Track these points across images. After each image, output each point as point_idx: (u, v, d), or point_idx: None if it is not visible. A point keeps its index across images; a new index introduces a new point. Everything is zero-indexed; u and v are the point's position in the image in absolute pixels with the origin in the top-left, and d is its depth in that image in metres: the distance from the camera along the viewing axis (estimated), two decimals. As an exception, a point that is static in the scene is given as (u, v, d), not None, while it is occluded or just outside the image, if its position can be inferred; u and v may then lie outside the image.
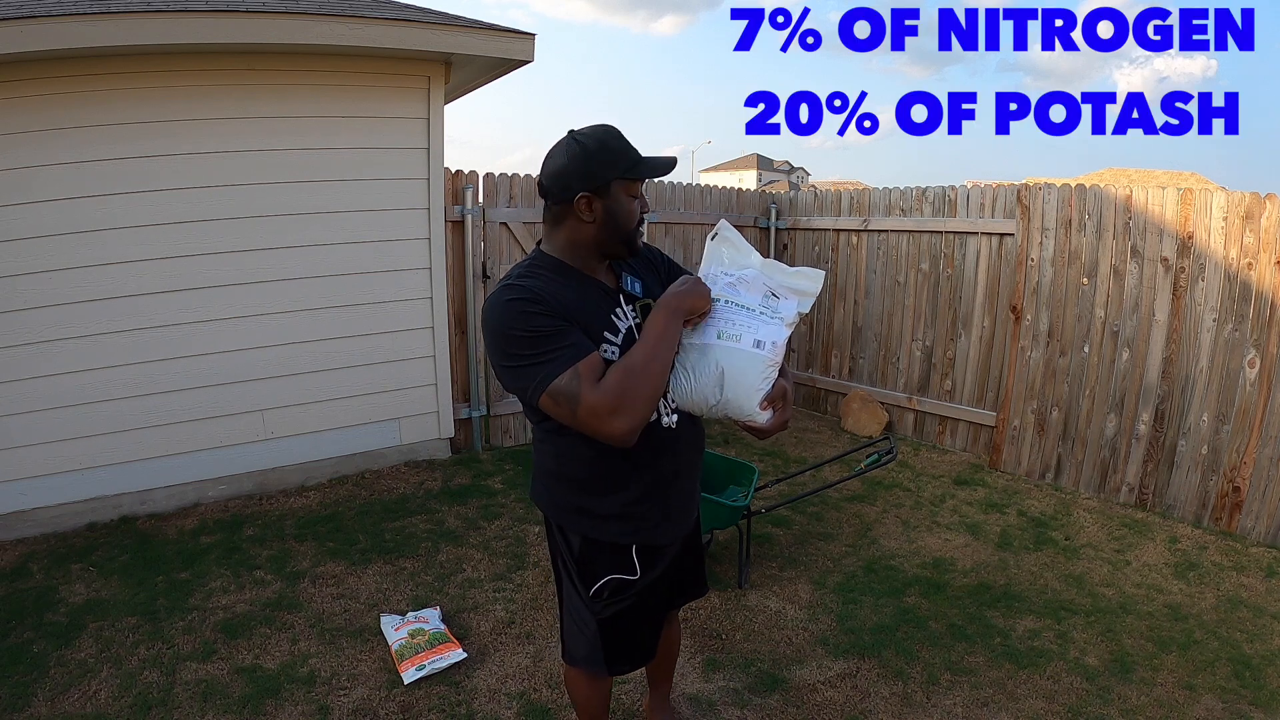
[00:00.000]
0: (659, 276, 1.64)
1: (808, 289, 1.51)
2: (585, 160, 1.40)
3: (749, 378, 1.42)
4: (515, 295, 1.36)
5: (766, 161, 52.44)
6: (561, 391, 1.31)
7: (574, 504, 1.57)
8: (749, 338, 1.43)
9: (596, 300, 1.47)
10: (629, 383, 1.31)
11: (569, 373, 1.31)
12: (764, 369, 1.44)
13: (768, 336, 1.44)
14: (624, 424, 1.31)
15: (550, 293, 1.38)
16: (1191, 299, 3.76)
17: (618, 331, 1.46)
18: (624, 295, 1.52)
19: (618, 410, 1.30)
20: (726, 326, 1.44)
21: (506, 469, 4.42)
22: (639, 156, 1.44)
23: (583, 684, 1.82)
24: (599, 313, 1.46)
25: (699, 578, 1.93)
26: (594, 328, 1.42)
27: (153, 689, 2.36)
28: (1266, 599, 3.06)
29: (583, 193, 1.40)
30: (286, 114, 3.82)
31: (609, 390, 1.30)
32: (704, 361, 1.43)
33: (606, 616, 1.63)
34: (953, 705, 2.38)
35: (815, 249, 5.82)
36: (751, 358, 1.42)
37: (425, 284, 4.33)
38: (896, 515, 3.90)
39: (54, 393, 3.46)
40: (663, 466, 1.55)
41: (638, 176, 1.44)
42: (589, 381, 1.31)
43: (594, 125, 1.46)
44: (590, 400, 1.30)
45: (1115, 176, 19.72)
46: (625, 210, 1.44)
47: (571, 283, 1.45)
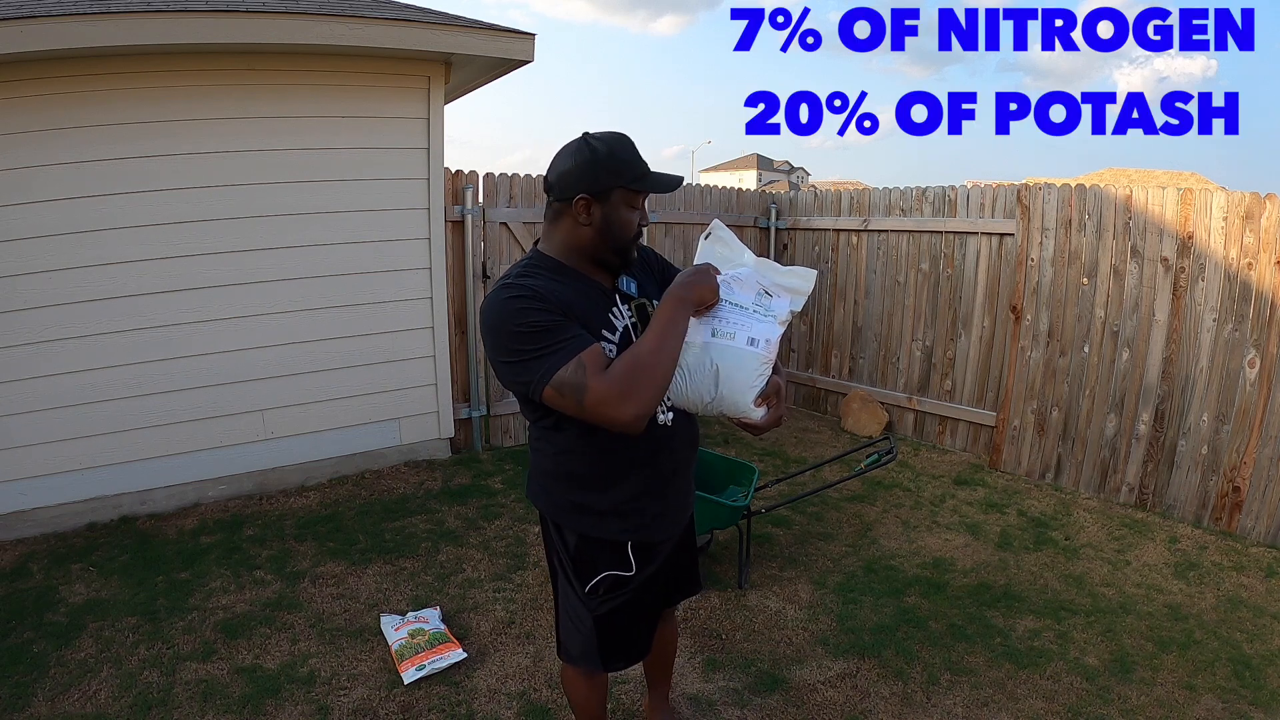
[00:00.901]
0: (654, 277, 1.65)
1: (800, 287, 1.53)
2: (592, 164, 1.41)
3: (743, 375, 1.43)
4: (513, 293, 1.37)
5: (766, 161, 52.45)
6: (566, 382, 1.31)
7: (571, 501, 1.58)
8: (743, 335, 1.44)
9: (593, 299, 1.48)
10: (638, 369, 1.32)
11: (573, 363, 1.31)
12: (758, 366, 1.46)
13: (761, 334, 1.46)
14: (633, 410, 1.31)
15: (548, 290, 1.39)
16: (1191, 299, 3.76)
17: (615, 330, 1.47)
18: (620, 295, 1.53)
19: (626, 396, 1.30)
20: (721, 325, 1.45)
21: (506, 469, 4.42)
22: (645, 170, 1.44)
23: (580, 684, 1.82)
24: (596, 311, 1.46)
25: (693, 575, 1.94)
26: (592, 325, 1.42)
27: (153, 689, 2.36)
28: (1266, 599, 3.06)
29: (582, 195, 1.41)
30: (286, 114, 3.82)
31: (617, 377, 1.31)
32: (699, 359, 1.45)
33: (602, 613, 1.64)
34: (953, 705, 2.38)
35: (815, 249, 5.82)
36: (746, 355, 1.44)
37: (425, 284, 4.33)
38: (896, 515, 3.90)
39: (54, 393, 3.46)
40: (659, 463, 1.56)
41: (641, 189, 1.44)
42: (595, 370, 1.31)
43: (609, 131, 1.47)
44: (598, 388, 1.30)
45: (1115, 176, 19.73)
46: (622, 220, 1.44)
47: (568, 282, 1.45)
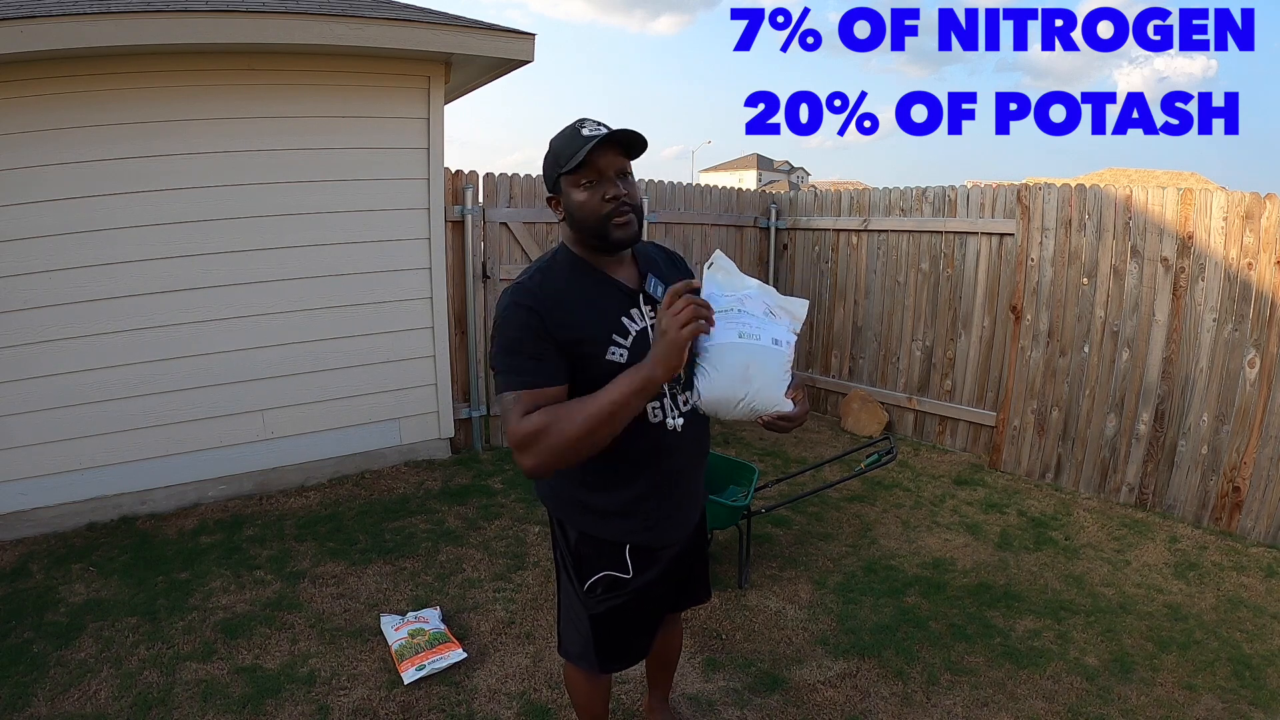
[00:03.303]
0: (678, 275, 1.61)
1: (797, 313, 1.59)
2: (547, 165, 1.45)
3: (773, 369, 1.47)
4: (517, 299, 1.40)
5: (766, 161, 52.45)
6: (504, 408, 1.37)
7: (575, 499, 1.59)
8: (767, 336, 1.48)
9: (611, 301, 1.46)
10: (551, 435, 1.30)
11: (513, 395, 1.36)
12: (784, 363, 1.49)
13: (782, 336, 1.51)
14: (529, 464, 1.33)
15: (555, 297, 1.40)
16: (1191, 299, 3.76)
17: (627, 334, 1.45)
18: (644, 296, 1.50)
19: (526, 450, 1.32)
20: (744, 327, 1.49)
21: (506, 469, 4.42)
22: (577, 147, 1.36)
23: (582, 683, 1.82)
24: (609, 314, 1.45)
25: (702, 582, 1.93)
26: (601, 330, 1.42)
27: (153, 689, 2.36)
28: (1266, 599, 3.06)
29: (549, 195, 1.48)
30: (286, 114, 3.82)
31: (529, 430, 1.31)
32: (730, 358, 1.46)
33: (599, 612, 1.64)
34: (953, 705, 2.38)
35: (815, 249, 5.82)
36: (772, 352, 1.47)
37: (425, 284, 4.33)
38: (896, 515, 3.90)
39: (54, 393, 3.46)
40: (664, 467, 1.55)
41: (574, 170, 1.37)
42: (520, 412, 1.33)
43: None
44: (513, 430, 1.33)
45: (1115, 176, 19.73)
46: (577, 203, 1.40)
47: (586, 281, 1.45)
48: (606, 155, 1.37)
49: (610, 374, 1.33)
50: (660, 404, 1.48)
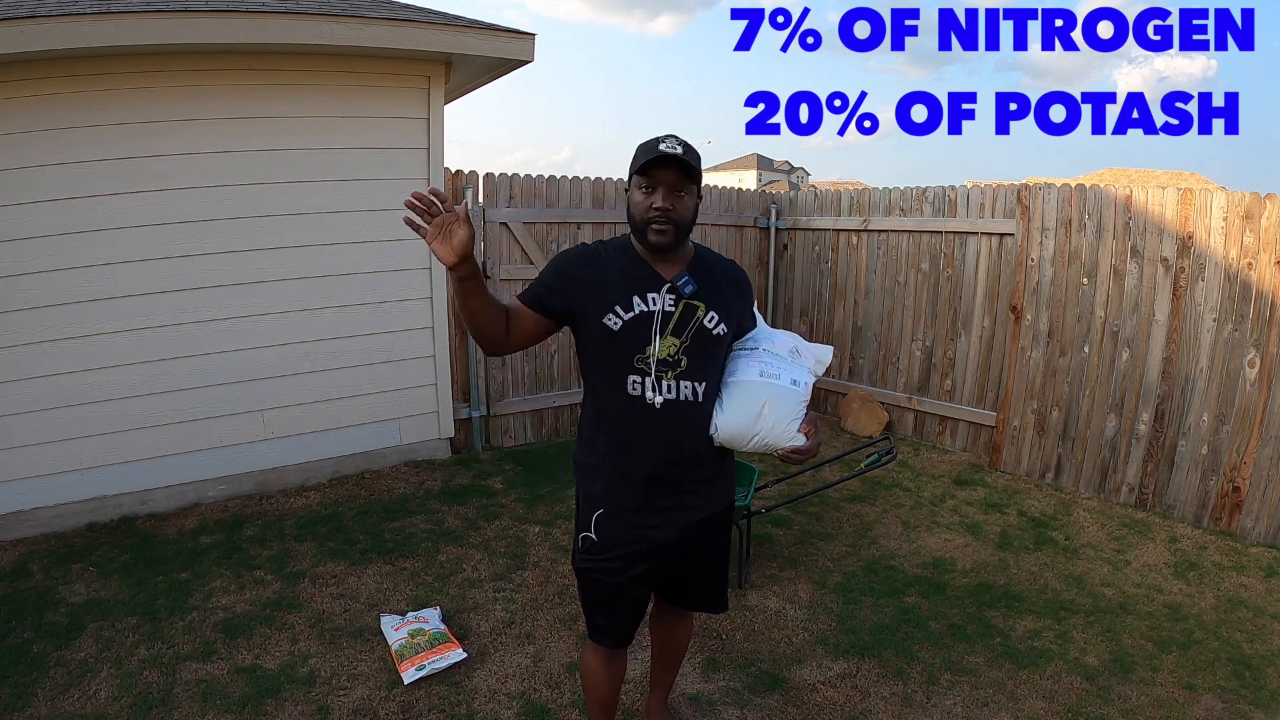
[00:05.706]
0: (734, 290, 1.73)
1: (822, 357, 1.80)
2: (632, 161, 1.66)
3: (786, 407, 1.65)
4: (570, 249, 1.72)
5: (766, 161, 52.39)
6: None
7: (579, 452, 1.78)
8: (786, 376, 1.68)
9: (635, 281, 1.63)
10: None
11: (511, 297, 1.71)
12: (799, 402, 1.68)
13: (800, 377, 1.71)
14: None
15: (596, 263, 1.66)
16: (1191, 299, 3.76)
17: (630, 309, 1.60)
18: (671, 286, 1.63)
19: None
20: (766, 366, 1.69)
21: (506, 469, 4.42)
22: (648, 156, 1.56)
23: (596, 664, 1.87)
24: (625, 288, 1.62)
25: (714, 592, 1.95)
26: (609, 299, 1.61)
27: (153, 689, 2.36)
28: (1266, 599, 3.06)
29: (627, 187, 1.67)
30: (286, 114, 3.82)
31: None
32: (747, 394, 1.65)
33: (580, 568, 1.79)
34: (953, 705, 2.38)
35: (815, 249, 5.82)
36: (789, 393, 1.67)
37: (425, 284, 4.33)
38: (896, 515, 3.90)
39: (54, 393, 3.46)
40: (631, 434, 1.65)
41: (640, 173, 1.58)
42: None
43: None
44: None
45: (1115, 176, 19.72)
46: (632, 201, 1.62)
47: (625, 261, 1.65)
48: (667, 171, 1.56)
49: (602, 335, 1.61)
50: (641, 380, 1.61)
